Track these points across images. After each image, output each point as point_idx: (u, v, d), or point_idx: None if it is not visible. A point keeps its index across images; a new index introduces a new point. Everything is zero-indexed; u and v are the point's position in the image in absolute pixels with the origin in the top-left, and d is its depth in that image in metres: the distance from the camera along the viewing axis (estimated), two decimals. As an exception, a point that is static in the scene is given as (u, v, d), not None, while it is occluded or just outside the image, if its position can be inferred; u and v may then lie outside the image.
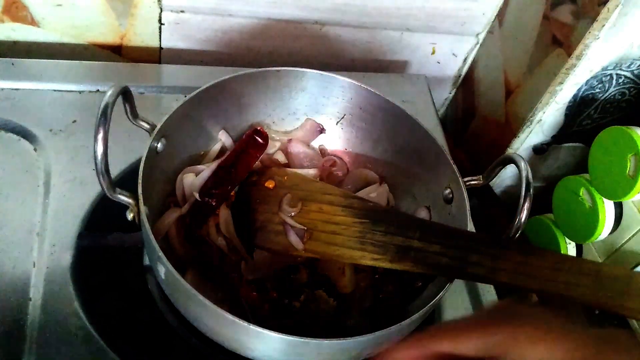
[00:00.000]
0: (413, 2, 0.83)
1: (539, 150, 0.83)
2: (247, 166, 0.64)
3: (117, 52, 0.82)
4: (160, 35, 0.81)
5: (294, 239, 0.58)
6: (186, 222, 0.60)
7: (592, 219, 0.71)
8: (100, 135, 0.46)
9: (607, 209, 0.71)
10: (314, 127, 0.69)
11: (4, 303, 0.55)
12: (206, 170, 0.62)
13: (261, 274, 0.59)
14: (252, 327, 0.45)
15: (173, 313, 0.56)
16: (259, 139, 0.64)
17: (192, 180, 0.62)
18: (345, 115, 0.69)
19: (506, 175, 0.86)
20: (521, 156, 0.55)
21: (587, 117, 0.78)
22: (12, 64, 0.73)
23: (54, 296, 0.56)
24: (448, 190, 0.61)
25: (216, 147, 0.66)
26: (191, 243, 0.59)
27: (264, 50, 0.86)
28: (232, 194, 0.63)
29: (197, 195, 0.60)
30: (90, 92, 0.73)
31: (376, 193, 0.66)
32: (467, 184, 0.59)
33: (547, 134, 0.81)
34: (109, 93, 0.48)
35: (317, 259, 0.59)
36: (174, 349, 0.56)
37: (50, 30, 0.77)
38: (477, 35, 0.91)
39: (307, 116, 0.69)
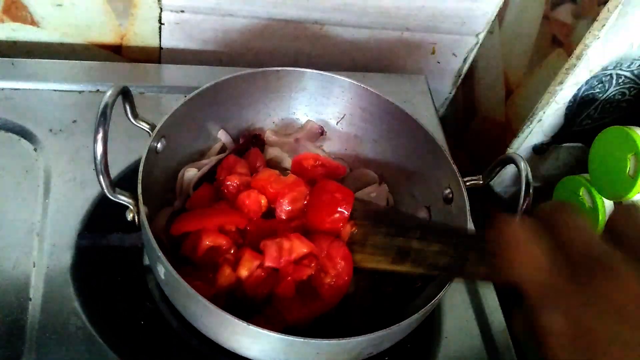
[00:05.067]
0: (413, 2, 0.83)
1: (539, 150, 0.83)
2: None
3: (117, 52, 0.82)
4: (160, 35, 0.81)
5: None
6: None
7: (592, 219, 0.71)
8: (100, 135, 0.46)
9: (607, 209, 0.71)
10: (314, 129, 0.69)
11: (4, 303, 0.55)
12: (206, 166, 0.63)
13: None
14: (252, 327, 0.45)
15: (173, 313, 0.56)
16: (256, 145, 0.66)
17: (192, 175, 0.62)
18: (345, 115, 0.69)
19: (506, 175, 0.86)
20: (521, 156, 0.55)
21: (587, 117, 0.78)
22: (12, 64, 0.73)
23: (54, 296, 0.56)
24: (448, 190, 0.61)
25: (216, 147, 0.66)
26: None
27: (264, 50, 0.86)
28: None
29: (191, 192, 0.61)
30: (90, 92, 0.73)
31: (376, 193, 0.66)
32: (467, 184, 0.59)
33: (547, 134, 0.80)
34: (108, 93, 0.48)
35: None
36: (174, 349, 0.56)
37: (50, 30, 0.77)
38: (477, 35, 0.91)
39: (307, 116, 0.69)
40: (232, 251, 0.55)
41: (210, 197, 0.60)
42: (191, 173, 0.62)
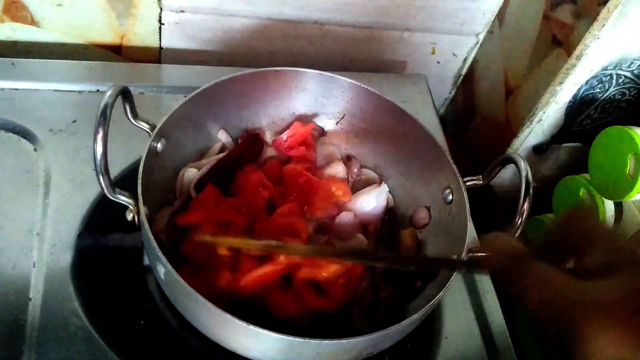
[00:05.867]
0: (413, 2, 0.83)
1: (539, 150, 0.83)
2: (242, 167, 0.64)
3: (117, 52, 0.82)
4: (160, 35, 0.81)
5: None
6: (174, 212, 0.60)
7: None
8: (100, 135, 0.46)
9: (607, 209, 0.71)
10: (314, 130, 0.69)
11: (4, 303, 0.55)
12: (206, 166, 0.63)
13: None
14: (252, 327, 0.45)
15: (173, 313, 0.56)
16: (255, 145, 0.66)
17: (192, 175, 0.62)
18: (345, 115, 0.69)
19: (506, 175, 0.86)
20: (521, 156, 0.55)
21: (587, 117, 0.78)
22: (12, 64, 0.73)
23: (54, 296, 0.56)
24: (448, 190, 0.61)
25: (216, 147, 0.66)
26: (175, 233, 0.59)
27: (264, 50, 0.86)
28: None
29: (193, 193, 0.60)
30: (90, 92, 0.73)
31: (376, 193, 0.66)
32: (467, 184, 0.59)
33: (547, 134, 0.81)
34: (108, 93, 0.48)
35: None
36: (174, 349, 0.56)
37: (50, 30, 0.77)
38: (477, 35, 0.91)
39: (307, 116, 0.69)
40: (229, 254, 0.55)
41: (214, 199, 0.60)
42: (191, 173, 0.62)
